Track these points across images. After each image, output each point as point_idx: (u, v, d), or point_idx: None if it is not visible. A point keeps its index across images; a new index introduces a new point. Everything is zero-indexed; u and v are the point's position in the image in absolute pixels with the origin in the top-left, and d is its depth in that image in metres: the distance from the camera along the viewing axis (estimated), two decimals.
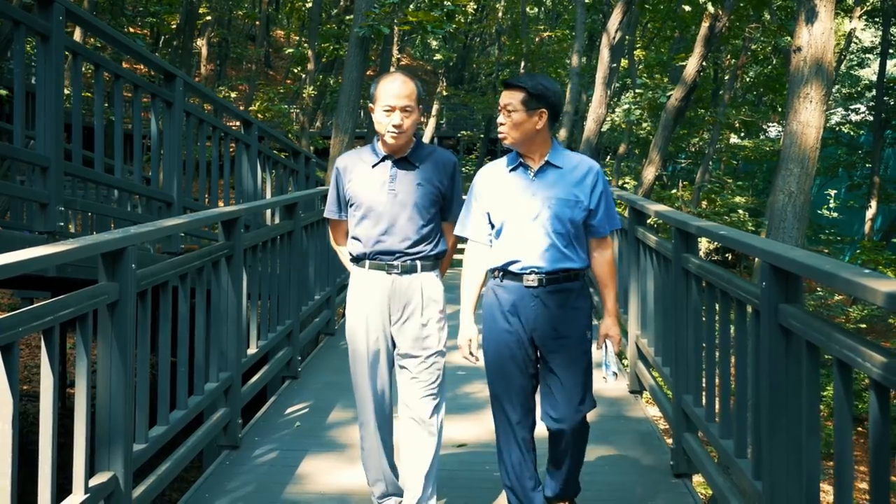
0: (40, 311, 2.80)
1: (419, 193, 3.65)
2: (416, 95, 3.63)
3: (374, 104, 3.63)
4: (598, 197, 3.50)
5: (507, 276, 3.52)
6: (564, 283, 3.47)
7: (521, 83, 3.44)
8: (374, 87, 3.64)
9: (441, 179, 3.72)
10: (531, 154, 3.53)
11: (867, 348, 2.28)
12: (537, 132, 3.46)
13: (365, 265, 3.73)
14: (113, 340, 3.29)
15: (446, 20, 10.14)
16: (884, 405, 2.24)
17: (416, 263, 3.69)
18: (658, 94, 14.27)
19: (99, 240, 3.27)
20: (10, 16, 4.57)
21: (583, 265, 3.52)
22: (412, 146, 3.71)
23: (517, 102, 3.43)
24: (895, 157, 27.29)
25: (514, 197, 3.49)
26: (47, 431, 2.87)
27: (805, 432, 2.81)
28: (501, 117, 3.49)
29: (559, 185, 3.47)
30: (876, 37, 27.18)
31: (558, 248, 3.44)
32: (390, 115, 3.57)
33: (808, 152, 6.80)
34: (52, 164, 4.80)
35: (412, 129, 3.64)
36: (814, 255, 2.76)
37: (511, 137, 3.47)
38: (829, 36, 6.69)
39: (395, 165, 3.68)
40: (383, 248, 3.67)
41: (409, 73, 3.73)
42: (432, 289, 3.74)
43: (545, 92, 3.43)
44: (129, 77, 6.09)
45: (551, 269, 3.45)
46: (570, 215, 3.44)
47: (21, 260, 2.71)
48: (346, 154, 3.89)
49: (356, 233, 3.74)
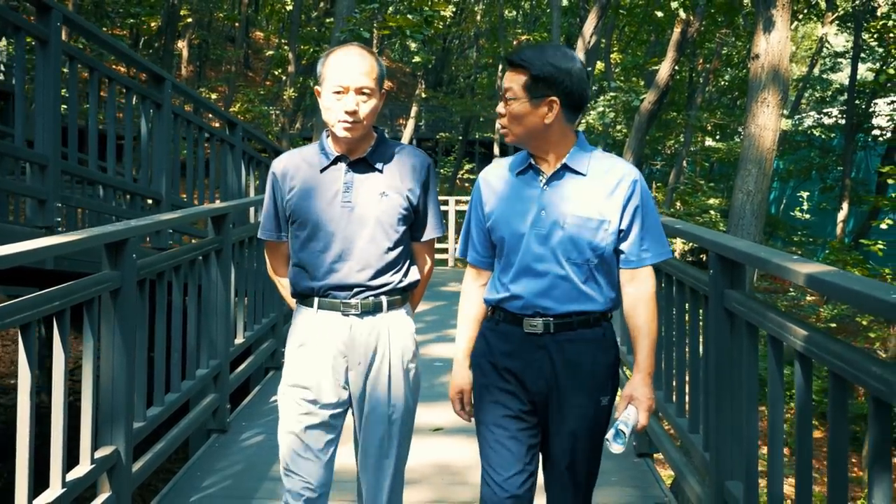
0: (52, 294, 3.07)
1: (383, 206, 2.78)
2: (378, 74, 2.76)
3: (320, 86, 2.76)
4: (633, 215, 2.58)
5: (503, 317, 2.68)
6: (580, 329, 2.61)
7: (525, 62, 2.54)
8: (322, 64, 2.76)
9: (411, 187, 2.82)
10: (544, 154, 2.63)
11: (793, 324, 2.60)
12: (547, 127, 2.57)
13: (312, 304, 2.84)
14: (115, 325, 3.56)
15: (425, 25, 10.45)
16: (807, 373, 2.56)
17: (381, 300, 2.82)
18: (631, 97, 14.64)
19: (103, 231, 3.55)
20: (11, 21, 4.83)
21: (607, 306, 2.65)
22: (373, 143, 2.83)
23: (518, 88, 2.55)
24: (867, 160, 27.85)
25: (518, 210, 2.63)
26: (59, 406, 3.13)
27: (745, 404, 3.13)
28: (500, 106, 2.62)
29: (579, 197, 2.58)
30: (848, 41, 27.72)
31: (574, 282, 2.58)
32: (342, 98, 2.69)
33: (765, 154, 7.16)
34: (50, 162, 5.06)
35: (371, 119, 2.77)
36: (754, 245, 3.09)
37: (512, 133, 2.62)
38: (785, 44, 7.06)
39: (351, 169, 2.79)
40: (337, 281, 2.79)
41: (368, 48, 2.83)
42: (402, 333, 2.87)
43: (555, 74, 2.52)
44: (121, 80, 6.36)
45: (562, 312, 2.59)
46: (592, 239, 2.56)
47: (34, 248, 2.99)
48: (285, 155, 2.95)
49: (300, 259, 2.84)
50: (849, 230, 24.81)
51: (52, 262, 5.02)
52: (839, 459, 2.33)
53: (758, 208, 7.12)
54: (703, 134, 21.79)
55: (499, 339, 2.68)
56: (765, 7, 6.94)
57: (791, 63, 36.16)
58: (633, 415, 2.55)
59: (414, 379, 2.93)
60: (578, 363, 2.60)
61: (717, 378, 3.32)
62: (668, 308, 4.39)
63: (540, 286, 2.59)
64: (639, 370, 2.63)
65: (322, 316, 2.82)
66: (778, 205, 29.88)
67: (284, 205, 2.86)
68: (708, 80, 20.75)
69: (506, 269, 2.66)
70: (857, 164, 26.79)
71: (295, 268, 2.88)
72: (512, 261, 2.64)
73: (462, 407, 2.83)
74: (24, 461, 2.84)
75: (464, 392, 2.82)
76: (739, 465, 3.18)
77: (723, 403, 3.30)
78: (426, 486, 4.31)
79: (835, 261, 16.76)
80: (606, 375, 2.65)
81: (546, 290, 2.59)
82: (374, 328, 2.82)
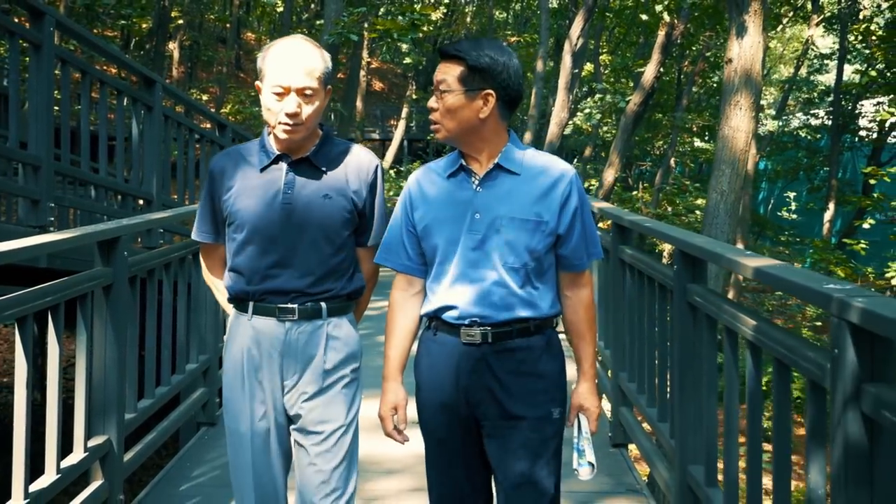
0: (48, 289, 3.22)
1: (326, 209, 2.64)
2: (323, 73, 2.58)
3: (261, 82, 2.59)
4: (572, 216, 2.47)
5: (440, 328, 2.54)
6: (519, 338, 2.47)
7: (459, 52, 2.42)
8: (262, 58, 2.60)
9: (357, 189, 2.70)
10: (475, 153, 2.49)
11: (744, 315, 2.78)
12: (482, 122, 2.44)
13: (248, 310, 2.69)
14: (108, 319, 3.71)
15: (412, 29, 10.63)
16: (756, 361, 2.73)
17: (321, 306, 2.67)
18: (618, 98, 14.84)
19: (96, 229, 3.71)
20: (5, 27, 4.98)
21: (548, 312, 2.52)
22: (317, 142, 2.69)
23: (453, 79, 2.42)
24: (854, 160, 28.12)
25: (451, 215, 2.49)
26: (53, 395, 3.29)
27: (705, 393, 3.30)
28: (433, 100, 2.47)
29: (514, 198, 2.45)
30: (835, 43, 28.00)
31: (511, 289, 2.45)
32: (283, 99, 2.54)
33: (738, 155, 7.36)
34: (43, 163, 5.21)
35: (315, 120, 2.62)
36: (711, 241, 3.27)
37: (444, 129, 2.46)
38: (757, 49, 7.25)
39: (293, 169, 2.65)
40: (274, 287, 2.65)
41: (314, 43, 2.64)
42: (343, 341, 2.73)
43: (492, 66, 2.40)
44: (113, 83, 6.51)
45: (500, 320, 2.45)
46: (529, 242, 2.44)
47: (31, 245, 3.16)
48: (224, 152, 2.83)
49: (237, 264, 2.69)
50: (836, 230, 25.09)
51: (46, 259, 5.17)
52: (783, 438, 2.51)
53: (731, 207, 7.31)
54: (689, 135, 22.02)
55: (439, 350, 2.53)
56: (738, 13, 7.15)
57: (779, 65, 36.52)
58: (585, 429, 2.55)
59: (356, 392, 2.77)
60: (522, 373, 2.47)
61: (681, 368, 3.49)
62: (639, 301, 4.56)
63: (476, 294, 2.46)
64: (585, 378, 2.59)
65: (257, 322, 2.68)
66: (766, 205, 30.16)
67: (221, 205, 2.71)
68: (693, 81, 20.96)
69: (439, 278, 2.52)
70: (843, 165, 27.09)
71: (230, 272, 2.73)
72: (446, 268, 2.49)
73: (394, 426, 2.61)
74: (21, 449, 3.00)
75: (398, 408, 2.60)
76: (701, 450, 3.35)
77: (686, 392, 3.47)
78: (407, 475, 4.47)
79: (819, 260, 17.04)
80: (555, 385, 2.52)
81: (483, 297, 2.45)
82: (312, 335, 2.67)
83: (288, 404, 2.70)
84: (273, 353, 2.67)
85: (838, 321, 1.99)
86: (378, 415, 2.62)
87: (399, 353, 2.62)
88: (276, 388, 2.69)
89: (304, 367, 2.68)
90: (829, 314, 2.04)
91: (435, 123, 2.48)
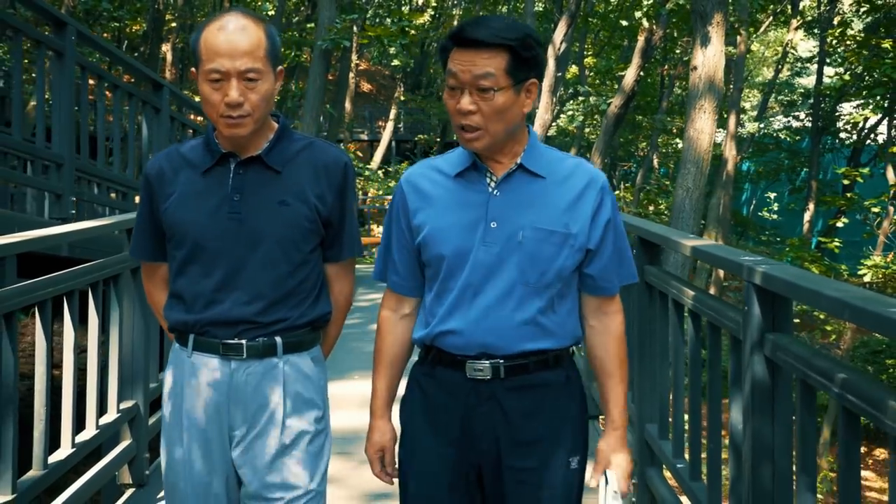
0: (88, 269, 3.72)
1: (283, 218, 2.17)
2: (267, 48, 2.09)
3: (197, 70, 2.10)
4: (603, 229, 2.08)
5: (440, 360, 2.11)
6: (538, 373, 2.07)
7: (505, 38, 1.92)
8: (196, 41, 2.09)
9: (321, 193, 2.20)
10: (496, 154, 2.06)
11: (686, 287, 3.30)
12: (523, 119, 2.06)
13: (188, 343, 2.21)
14: (135, 297, 4.20)
15: (402, 35, 11.18)
16: (696, 326, 3.25)
17: (276, 341, 2.18)
18: (600, 101, 15.40)
19: (124, 218, 4.21)
20: (32, 36, 5.46)
21: (569, 343, 2.13)
22: (272, 138, 2.21)
23: (500, 73, 1.93)
24: (835, 162, 28.76)
25: (460, 221, 2.05)
26: (93, 362, 3.79)
27: (658, 361, 3.82)
28: (466, 100, 1.95)
29: (540, 205, 2.05)
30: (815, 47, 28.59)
31: (530, 314, 2.04)
32: (221, 86, 2.06)
33: (702, 154, 7.94)
34: (66, 161, 5.70)
35: (264, 109, 2.12)
36: (664, 228, 3.80)
37: (489, 135, 1.98)
38: (719, 57, 7.83)
39: (242, 171, 2.18)
40: (218, 316, 2.17)
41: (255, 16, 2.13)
42: (304, 383, 2.24)
43: (538, 50, 1.99)
44: (126, 87, 7.02)
45: (515, 352, 2.05)
46: (556, 259, 2.03)
47: (72, 230, 3.68)
48: (163, 153, 2.32)
49: (177, 287, 2.23)
50: (816, 230, 25.72)
51: (67, 249, 5.65)
52: (715, 393, 3.03)
53: (696, 203, 7.88)
54: (670, 136, 22.63)
55: (437, 388, 2.11)
56: (702, 24, 7.73)
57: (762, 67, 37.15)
58: (612, 488, 2.08)
59: (320, 450, 2.26)
60: (538, 415, 2.07)
61: (640, 341, 4.00)
62: None
63: (487, 319, 2.03)
64: (614, 427, 2.15)
65: (197, 360, 2.20)
66: (748, 206, 30.78)
67: (161, 216, 2.22)
68: (673, 84, 21.57)
69: (441, 297, 2.08)
70: (825, 167, 27.71)
71: (171, 298, 2.26)
72: (450, 286, 2.06)
73: (383, 467, 2.24)
74: (70, 406, 3.50)
75: (385, 450, 2.23)
76: (655, 411, 3.87)
77: (644, 362, 3.99)
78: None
79: (795, 258, 17.62)
80: (575, 429, 2.13)
81: (495, 323, 2.03)
82: (264, 378, 2.18)
83: (237, 462, 2.21)
84: (217, 400, 2.18)
85: (748, 284, 2.50)
86: (366, 453, 2.27)
87: (388, 384, 2.23)
88: (224, 441, 2.20)
89: (256, 417, 2.18)
90: (743, 279, 2.55)
91: (474, 130, 1.98)
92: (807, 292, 2.12)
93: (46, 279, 3.30)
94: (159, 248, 2.29)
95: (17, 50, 5.37)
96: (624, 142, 24.15)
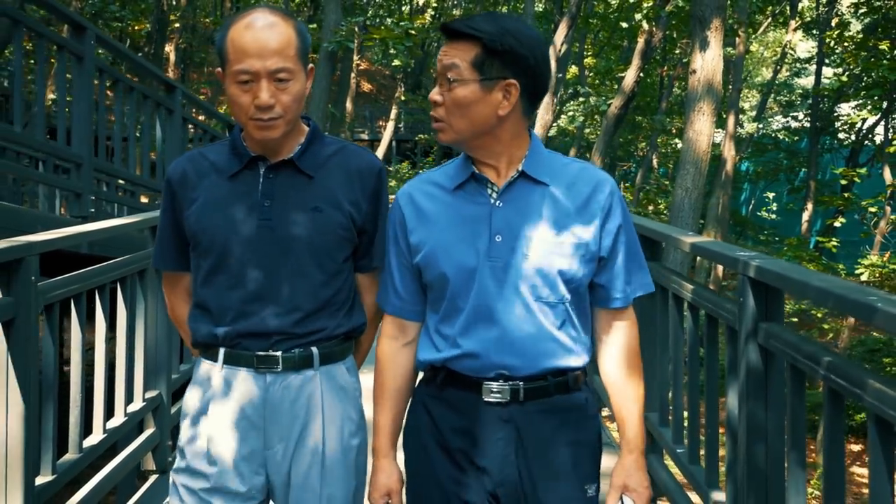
0: (115, 265, 3.90)
1: (316, 226, 2.07)
2: (298, 47, 2.01)
3: (224, 70, 2.01)
4: (615, 236, 1.97)
5: (451, 381, 1.99)
6: (558, 395, 1.96)
7: (474, 29, 1.85)
8: (222, 40, 2.01)
9: (356, 200, 2.12)
10: (491, 160, 1.96)
11: (683, 280, 3.50)
12: (500, 121, 1.91)
13: (217, 358, 2.10)
14: (158, 292, 4.39)
15: (406, 37, 11.40)
16: (695, 319, 3.45)
17: (312, 352, 2.09)
18: (600, 101, 15.59)
19: (148, 216, 4.39)
20: (54, 40, 5.66)
21: (586, 361, 2.01)
22: (303, 141, 2.12)
23: (464, 65, 1.87)
24: (833, 162, 28.94)
25: (462, 237, 1.95)
26: (122, 353, 3.98)
27: (658, 353, 4.02)
28: (436, 91, 1.92)
29: (545, 213, 1.94)
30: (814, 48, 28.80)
31: (546, 330, 1.93)
32: (251, 87, 1.97)
33: (701, 155, 8.14)
34: (85, 161, 5.90)
35: (296, 110, 2.04)
36: (664, 226, 3.99)
37: (451, 129, 1.92)
38: (718, 61, 8.05)
39: (272, 175, 2.09)
40: (251, 328, 2.07)
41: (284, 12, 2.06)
42: (342, 395, 2.15)
43: (517, 48, 1.85)
44: (141, 89, 7.22)
45: (535, 372, 1.94)
46: (568, 270, 1.93)
47: (108, 227, 3.85)
48: (185, 156, 2.23)
49: (203, 298, 2.12)
50: (815, 229, 25.91)
51: (87, 245, 5.84)
52: (712, 381, 3.23)
53: (695, 203, 8.09)
54: (669, 136, 22.84)
55: (447, 411, 1.98)
56: (700, 29, 7.94)
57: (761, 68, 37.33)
58: None
59: (358, 460, 2.18)
60: (557, 443, 1.95)
61: (641, 333, 4.19)
62: None
63: (502, 338, 1.91)
64: (629, 449, 2.02)
65: (228, 374, 2.08)
66: (747, 206, 30.98)
67: (184, 223, 2.12)
68: (673, 85, 21.78)
69: (450, 318, 1.97)
70: (823, 167, 27.89)
71: (195, 310, 2.15)
72: (460, 305, 1.94)
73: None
74: (101, 397, 3.69)
75: (392, 493, 2.07)
76: (655, 400, 4.06)
77: (644, 355, 4.17)
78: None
79: (793, 256, 17.83)
80: (591, 456, 2.02)
81: (511, 342, 1.91)
82: (301, 391, 2.09)
83: (271, 478, 2.13)
84: (249, 415, 2.08)
85: (742, 277, 2.69)
86: (368, 498, 2.12)
87: (392, 419, 2.09)
88: (257, 459, 2.10)
89: (292, 433, 2.09)
90: (738, 272, 2.75)
91: (438, 121, 1.92)
92: (796, 283, 2.32)
93: (79, 274, 3.48)
94: (182, 256, 2.18)
95: (40, 53, 5.56)
96: (623, 142, 24.37)
